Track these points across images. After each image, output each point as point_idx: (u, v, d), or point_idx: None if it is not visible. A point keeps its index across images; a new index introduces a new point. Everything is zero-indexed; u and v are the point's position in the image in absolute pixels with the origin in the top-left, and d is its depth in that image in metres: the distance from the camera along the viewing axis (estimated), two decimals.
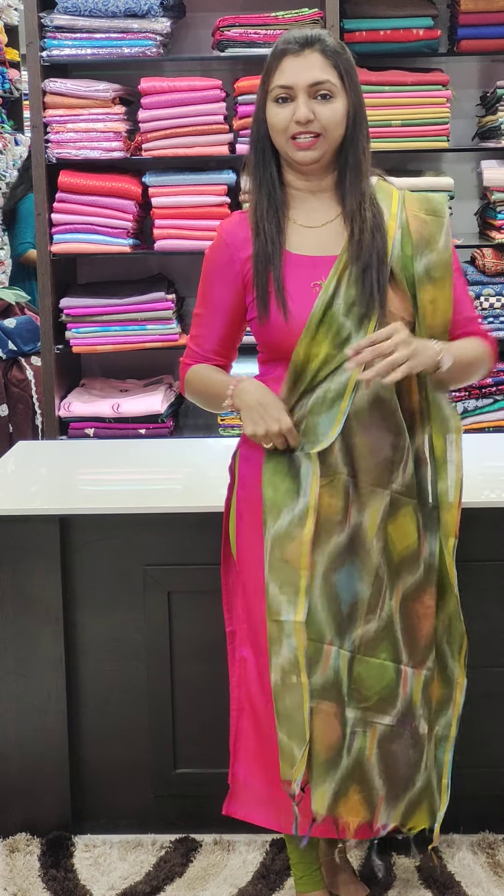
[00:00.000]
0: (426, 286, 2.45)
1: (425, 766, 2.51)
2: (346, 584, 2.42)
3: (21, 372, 5.09)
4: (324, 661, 2.41)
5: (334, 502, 2.42)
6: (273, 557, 2.43)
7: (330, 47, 2.41)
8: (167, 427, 4.26)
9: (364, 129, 2.47)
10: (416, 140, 4.12)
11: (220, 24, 4.07)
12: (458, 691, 2.56)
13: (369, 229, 2.44)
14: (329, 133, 2.42)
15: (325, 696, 2.41)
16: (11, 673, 3.03)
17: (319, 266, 2.47)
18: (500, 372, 4.27)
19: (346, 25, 4.08)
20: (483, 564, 2.95)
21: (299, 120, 2.39)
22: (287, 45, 2.42)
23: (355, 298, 2.43)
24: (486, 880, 2.90)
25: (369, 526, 2.43)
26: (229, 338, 2.59)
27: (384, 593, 2.44)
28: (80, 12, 4.07)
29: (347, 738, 2.43)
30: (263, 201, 2.49)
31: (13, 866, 2.98)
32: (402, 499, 2.45)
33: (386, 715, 2.45)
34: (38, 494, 3.22)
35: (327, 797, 2.42)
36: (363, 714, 2.44)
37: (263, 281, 2.47)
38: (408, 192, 2.55)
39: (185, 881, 2.91)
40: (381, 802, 2.46)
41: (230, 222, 2.58)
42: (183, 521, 2.98)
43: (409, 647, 2.48)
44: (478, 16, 4.11)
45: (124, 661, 3.04)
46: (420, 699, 2.49)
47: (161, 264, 4.50)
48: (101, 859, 3.01)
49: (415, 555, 2.48)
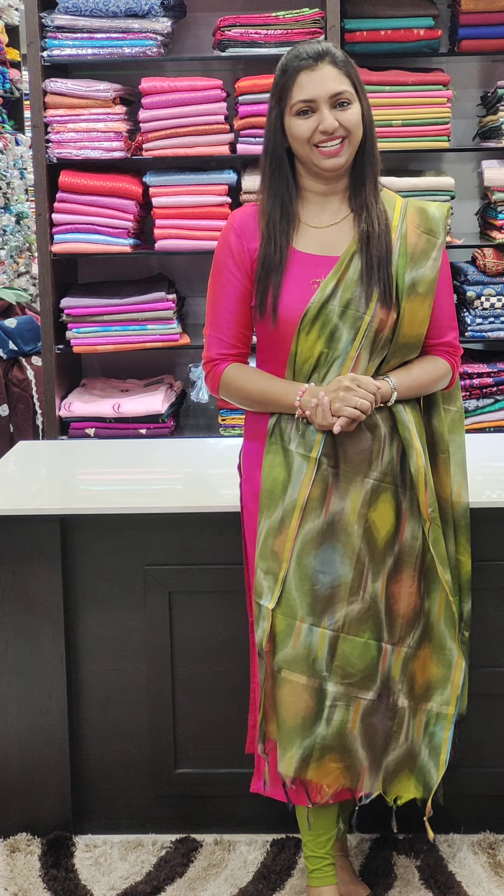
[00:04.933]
0: (410, 298, 2.59)
1: (406, 738, 2.65)
2: (325, 566, 2.56)
3: (22, 372, 5.09)
4: (294, 637, 2.56)
5: (315, 491, 2.56)
6: (264, 546, 2.59)
7: (339, 58, 2.56)
8: (168, 427, 4.26)
9: (374, 132, 2.63)
10: (416, 140, 4.12)
11: (220, 24, 4.07)
12: (456, 671, 2.68)
13: (380, 226, 2.57)
14: (353, 137, 2.55)
15: (294, 667, 2.56)
16: (12, 672, 3.03)
17: (321, 265, 2.58)
18: (500, 372, 4.28)
19: (346, 25, 4.08)
20: (483, 565, 2.95)
21: (326, 130, 2.52)
22: (300, 61, 2.53)
23: (350, 300, 2.54)
24: (486, 880, 2.90)
25: (350, 512, 2.57)
26: (247, 324, 2.66)
27: (366, 576, 2.58)
28: (81, 12, 4.07)
29: (326, 711, 2.57)
30: (277, 210, 2.59)
31: (14, 866, 2.98)
32: (381, 485, 2.59)
33: (369, 690, 2.59)
34: (38, 494, 3.22)
35: (294, 762, 2.56)
36: (347, 689, 2.58)
37: (265, 277, 2.58)
38: (411, 202, 2.67)
39: (185, 881, 2.91)
40: (365, 771, 2.61)
41: (243, 213, 2.67)
42: (183, 521, 2.98)
43: (390, 626, 2.62)
44: (478, 16, 4.11)
45: (124, 661, 3.04)
46: (399, 675, 2.63)
47: (161, 264, 4.50)
48: (101, 859, 3.01)
49: (393, 538, 2.61)
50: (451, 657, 2.67)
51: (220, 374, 2.65)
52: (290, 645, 2.56)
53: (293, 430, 2.58)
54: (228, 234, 2.64)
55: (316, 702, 2.57)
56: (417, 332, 2.62)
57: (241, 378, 2.64)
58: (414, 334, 2.62)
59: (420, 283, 2.59)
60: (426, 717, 2.68)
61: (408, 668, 2.65)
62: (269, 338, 2.61)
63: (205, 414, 4.52)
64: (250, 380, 2.63)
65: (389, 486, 2.60)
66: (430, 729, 2.69)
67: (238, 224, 2.64)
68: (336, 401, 2.51)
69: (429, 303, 2.61)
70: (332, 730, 2.57)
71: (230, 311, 2.63)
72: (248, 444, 2.71)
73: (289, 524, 2.56)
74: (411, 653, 2.64)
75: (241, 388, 2.64)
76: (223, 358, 2.65)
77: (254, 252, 2.60)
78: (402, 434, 2.61)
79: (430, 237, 2.63)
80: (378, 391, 2.55)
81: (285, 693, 2.57)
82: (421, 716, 2.68)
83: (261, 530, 2.60)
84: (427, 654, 2.68)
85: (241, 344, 2.66)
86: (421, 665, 2.67)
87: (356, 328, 2.55)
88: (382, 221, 2.58)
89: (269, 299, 2.57)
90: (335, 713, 2.57)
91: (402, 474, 2.62)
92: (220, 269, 2.64)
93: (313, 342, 2.56)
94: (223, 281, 2.64)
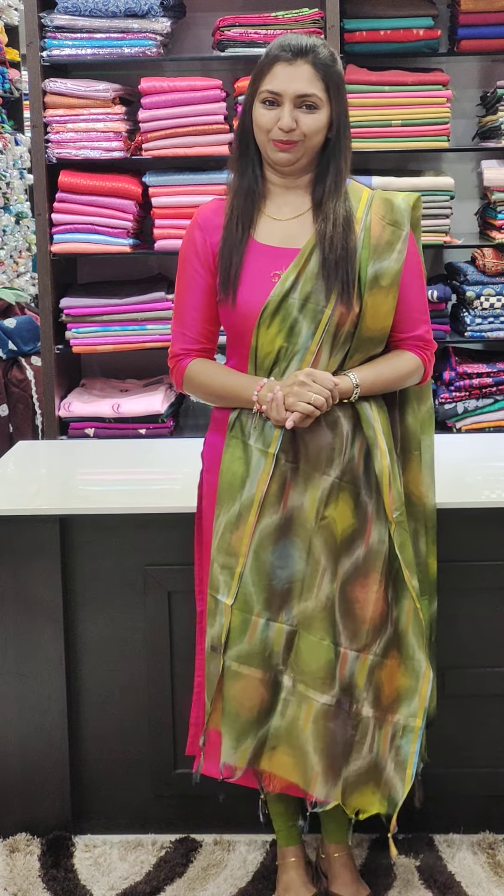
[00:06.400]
0: (372, 291, 2.55)
1: (370, 750, 2.59)
2: (281, 561, 2.55)
3: (21, 372, 5.09)
4: (250, 632, 2.56)
5: (273, 487, 2.55)
6: (222, 540, 2.58)
7: (321, 60, 2.51)
8: (167, 427, 4.26)
9: (347, 134, 2.58)
10: (416, 140, 4.12)
11: (220, 24, 4.07)
12: (423, 683, 2.61)
13: (340, 223, 2.54)
14: (308, 140, 2.52)
15: (249, 661, 2.56)
16: (12, 673, 3.03)
17: (281, 257, 2.56)
18: (500, 372, 4.28)
19: (346, 25, 4.08)
20: (484, 565, 2.95)
21: (282, 128, 2.50)
22: (281, 51, 2.53)
23: (310, 294, 2.52)
24: (486, 880, 2.90)
25: (308, 508, 2.55)
26: (212, 320, 2.65)
27: (321, 575, 2.55)
28: (81, 12, 4.07)
29: (281, 703, 2.57)
30: (242, 192, 2.60)
31: (13, 866, 2.98)
32: (340, 483, 2.56)
33: (323, 693, 2.55)
34: (38, 494, 3.21)
35: (248, 753, 2.57)
36: (299, 686, 2.56)
37: (226, 265, 2.57)
38: (378, 193, 2.63)
39: (185, 881, 2.91)
40: (317, 777, 2.56)
41: (207, 208, 2.67)
42: (183, 521, 2.98)
43: (350, 631, 2.56)
44: (478, 16, 4.11)
45: (124, 661, 3.04)
46: (364, 683, 2.57)
47: (161, 264, 4.50)
48: (101, 859, 3.01)
49: (352, 539, 2.57)
50: (419, 668, 2.60)
51: (183, 368, 2.65)
52: (245, 640, 2.55)
53: (252, 424, 2.58)
54: (193, 229, 2.64)
55: (271, 693, 2.56)
56: (381, 325, 2.58)
57: (203, 373, 2.63)
58: (378, 328, 2.57)
59: (383, 275, 2.55)
60: (392, 729, 2.60)
61: (374, 676, 2.58)
62: (234, 332, 2.61)
63: (204, 414, 4.50)
64: (212, 375, 2.63)
65: (349, 486, 2.56)
66: (397, 742, 2.60)
67: (202, 219, 2.64)
68: (290, 395, 2.49)
69: (393, 295, 2.56)
70: (287, 721, 2.56)
71: (194, 307, 2.63)
72: (212, 435, 2.70)
73: (246, 519, 2.55)
74: (377, 661, 2.58)
75: (203, 384, 2.64)
76: (186, 353, 2.65)
77: (216, 246, 2.59)
78: (367, 432, 2.57)
79: (396, 229, 2.58)
80: (336, 387, 2.51)
81: (239, 688, 2.56)
82: (387, 728, 2.60)
83: (218, 524, 2.59)
84: (395, 663, 2.61)
85: (205, 339, 2.65)
86: (388, 675, 2.60)
87: (316, 322, 2.52)
88: (341, 215, 2.54)
89: (229, 290, 2.55)
90: (288, 707, 2.56)
91: (367, 474, 2.58)
92: (185, 265, 2.64)
93: (273, 336, 2.54)
94: (187, 277, 2.63)
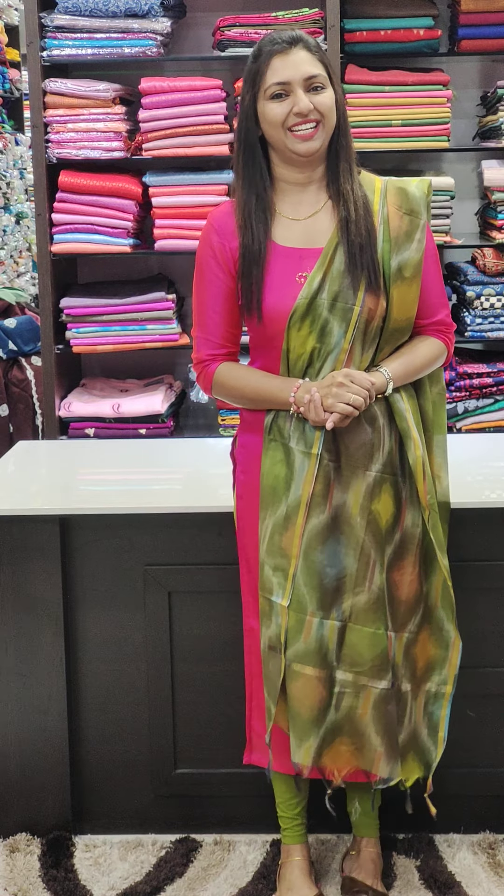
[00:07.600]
0: (397, 283, 2.57)
1: (409, 720, 2.69)
2: (331, 560, 2.58)
3: (21, 372, 5.09)
4: (305, 631, 2.58)
5: (318, 487, 2.56)
6: (271, 543, 2.59)
7: (312, 44, 2.54)
8: (167, 427, 4.26)
9: (347, 120, 2.60)
10: (416, 140, 4.12)
11: (220, 24, 4.07)
12: (453, 652, 2.70)
13: (360, 206, 2.55)
14: (327, 120, 2.53)
15: (307, 661, 2.58)
16: (12, 673, 3.03)
17: (305, 258, 2.56)
18: (500, 372, 4.28)
19: (346, 25, 4.08)
20: (484, 565, 2.95)
21: (301, 111, 2.50)
22: (273, 45, 2.53)
23: (338, 293, 2.53)
24: (486, 880, 2.90)
25: (352, 505, 2.57)
26: (235, 323, 2.65)
27: (372, 567, 2.58)
28: (81, 12, 4.07)
29: (335, 697, 2.60)
30: (252, 199, 2.57)
31: (13, 866, 2.98)
32: (382, 476, 2.59)
33: (381, 680, 2.60)
34: (38, 494, 3.21)
35: (312, 752, 2.60)
36: (355, 678, 2.60)
37: (248, 273, 2.56)
38: (391, 181, 2.63)
39: (185, 881, 2.91)
40: (381, 757, 2.62)
41: (220, 212, 2.65)
42: (183, 521, 2.98)
43: (393, 614, 2.63)
44: (478, 16, 4.11)
45: (124, 661, 3.04)
46: (402, 660, 2.65)
47: (161, 264, 4.50)
48: (101, 859, 3.01)
49: (393, 527, 2.62)
50: (448, 638, 2.69)
51: (211, 374, 2.64)
52: (301, 639, 2.57)
53: (292, 426, 2.57)
54: (209, 233, 2.62)
55: (328, 691, 2.60)
56: (407, 315, 2.60)
57: (233, 377, 2.63)
58: (404, 318, 2.60)
59: (406, 266, 2.56)
60: (425, 697, 2.71)
61: (410, 652, 2.67)
62: (259, 335, 2.60)
63: (204, 414, 4.52)
64: (244, 378, 2.63)
65: (389, 477, 2.60)
66: (429, 708, 2.72)
67: (218, 223, 2.62)
68: (328, 397, 2.50)
69: (416, 285, 2.58)
70: (342, 714, 2.60)
71: (216, 311, 2.62)
72: (245, 436, 2.69)
73: (294, 520, 2.56)
74: (412, 637, 2.67)
75: (234, 387, 2.63)
76: (213, 358, 2.65)
77: (235, 251, 2.58)
78: (400, 425, 2.60)
79: (413, 218, 2.59)
80: (373, 386, 2.53)
81: (299, 686, 2.58)
82: (421, 697, 2.71)
83: (265, 527, 2.60)
84: (426, 636, 2.69)
85: (230, 343, 2.65)
86: (421, 648, 2.69)
87: (347, 320, 2.53)
88: (361, 207, 2.55)
89: (252, 296, 2.55)
90: (343, 699, 2.59)
91: (402, 463, 2.62)
92: (204, 269, 2.63)
93: (305, 338, 2.54)
94: (207, 282, 2.62)
